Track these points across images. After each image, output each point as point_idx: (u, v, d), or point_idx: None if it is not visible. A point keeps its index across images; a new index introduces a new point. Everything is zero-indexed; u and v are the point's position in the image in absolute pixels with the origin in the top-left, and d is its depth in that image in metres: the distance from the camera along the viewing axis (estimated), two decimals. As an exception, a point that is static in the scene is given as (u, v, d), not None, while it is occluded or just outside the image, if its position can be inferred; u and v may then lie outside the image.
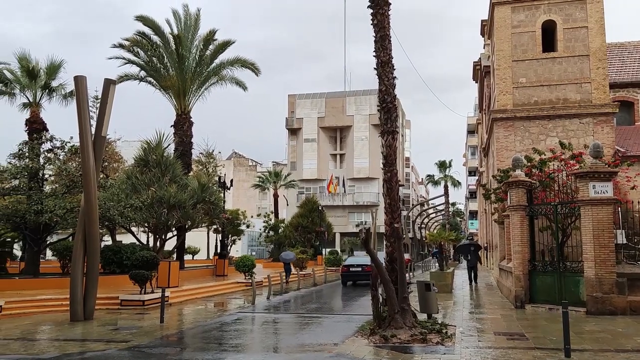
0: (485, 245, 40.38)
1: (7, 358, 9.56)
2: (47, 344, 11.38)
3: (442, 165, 66.23)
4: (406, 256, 52.51)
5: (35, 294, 17.24)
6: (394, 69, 12.48)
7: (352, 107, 71.87)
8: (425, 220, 66.72)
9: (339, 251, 55.60)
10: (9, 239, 27.49)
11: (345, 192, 70.43)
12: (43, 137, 23.44)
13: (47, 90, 25.95)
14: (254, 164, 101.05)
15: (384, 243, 12.38)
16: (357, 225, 66.22)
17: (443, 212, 64.02)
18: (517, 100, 23.55)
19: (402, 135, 76.49)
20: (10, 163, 22.50)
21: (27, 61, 25.51)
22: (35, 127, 24.68)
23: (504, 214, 19.44)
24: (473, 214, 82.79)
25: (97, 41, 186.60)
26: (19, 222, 21.41)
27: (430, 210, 66.31)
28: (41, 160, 22.68)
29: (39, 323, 14.08)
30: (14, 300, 15.60)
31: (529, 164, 17.97)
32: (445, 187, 65.22)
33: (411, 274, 31.35)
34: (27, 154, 22.41)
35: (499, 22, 24.12)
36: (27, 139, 24.06)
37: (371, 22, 12.46)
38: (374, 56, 12.43)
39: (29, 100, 25.99)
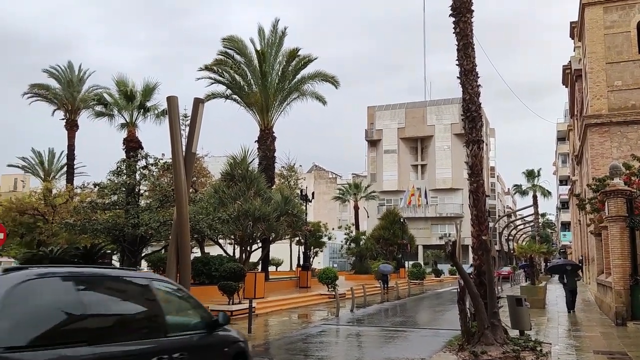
0: (580, 258, 38.09)
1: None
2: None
3: (530, 175, 63.31)
4: (506, 269, 50.79)
5: (132, 303, 18.23)
6: (478, 77, 12.19)
7: (432, 116, 70.76)
8: (513, 232, 64.07)
9: (422, 264, 54.60)
10: (109, 251, 29.36)
11: (427, 203, 69.16)
12: (139, 155, 24.94)
13: (142, 111, 27.69)
14: (333, 176, 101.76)
15: (471, 256, 12.02)
16: (441, 238, 64.77)
17: (532, 224, 61.17)
18: (612, 105, 22.17)
19: (486, 144, 74.18)
20: (109, 180, 24.10)
21: (124, 84, 27.39)
22: (132, 145, 26.34)
23: (601, 225, 18.27)
24: (565, 226, 78.38)
25: (187, 63, 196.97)
26: (117, 234, 22.79)
27: (518, 222, 63.65)
28: (137, 177, 24.09)
29: (137, 330, 14.88)
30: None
31: (627, 171, 16.83)
32: (534, 197, 62.27)
33: (500, 288, 30.16)
34: (124, 171, 23.90)
35: (590, 24, 22.89)
36: (124, 157, 25.70)
37: (453, 30, 12.26)
38: (456, 65, 12.20)
39: (126, 120, 27.85)
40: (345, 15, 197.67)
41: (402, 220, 50.83)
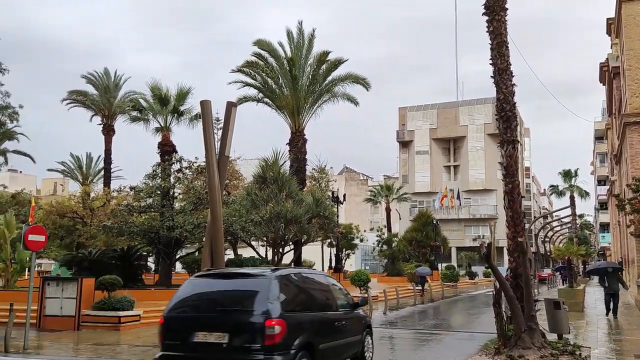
0: (620, 260, 36.99)
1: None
2: (180, 351, 12.20)
3: (567, 175, 61.88)
4: (547, 271, 49.59)
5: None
6: (513, 76, 11.99)
7: (465, 117, 69.82)
8: (549, 234, 62.63)
9: (456, 266, 53.90)
10: (145, 253, 29.97)
11: (460, 204, 68.24)
12: (173, 158, 25.40)
13: (175, 115, 28.20)
14: (365, 178, 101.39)
15: (506, 258, 11.83)
16: (475, 239, 63.82)
17: (569, 225, 59.70)
18: (652, 102, 21.46)
19: (521, 145, 72.78)
20: (145, 183, 24.61)
21: (158, 90, 27.95)
22: (166, 149, 26.85)
23: (642, 227, 17.71)
24: (604, 227, 76.20)
25: (219, 67, 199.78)
26: (153, 237, 23.26)
27: (555, 223, 62.17)
28: (172, 180, 24.55)
29: (173, 331, 15.13)
30: (151, 310, 16.90)
31: (670, 170, 16.26)
32: (571, 197, 60.83)
33: (537, 290, 29.54)
34: (159, 174, 24.37)
35: (628, 20, 22.24)
36: (159, 161, 26.20)
37: (487, 29, 12.10)
38: (490, 64, 12.03)
39: (160, 124, 28.41)
40: (375, 17, 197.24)
41: (434, 222, 50.30)
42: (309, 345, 7.62)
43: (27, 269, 22.90)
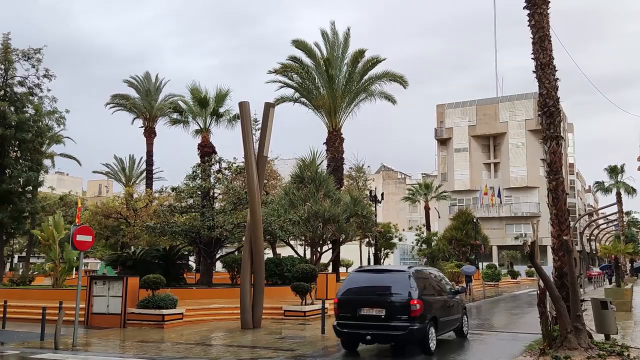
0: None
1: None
2: (223, 349, 12.40)
3: (613, 171, 59.79)
4: (596, 270, 48.07)
5: (210, 303, 18.89)
6: (556, 70, 11.69)
7: (505, 113, 68.36)
8: (595, 232, 60.74)
9: (497, 265, 52.89)
10: (186, 252, 30.57)
11: (501, 202, 66.91)
12: (213, 159, 25.79)
13: (214, 117, 28.65)
14: (402, 176, 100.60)
15: (549, 257, 11.57)
16: (516, 238, 62.47)
17: (616, 223, 57.71)
18: None
19: (564, 140, 70.78)
20: (186, 184, 25.08)
21: (198, 92, 28.44)
22: (206, 150, 27.30)
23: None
24: (653, 224, 73.43)
25: (256, 69, 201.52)
26: (194, 236, 23.67)
27: (600, 221, 60.21)
28: (212, 180, 24.93)
29: (215, 330, 15.40)
30: (192, 309, 17.25)
31: None
32: (618, 194, 58.77)
33: (582, 290, 28.71)
34: (199, 175, 24.79)
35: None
36: (199, 162, 26.65)
37: (528, 23, 11.84)
38: (532, 58, 11.77)
39: (199, 126, 28.92)
40: (411, 15, 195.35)
41: (475, 221, 49.45)
42: (434, 318, 11.29)
43: (74, 268, 23.68)
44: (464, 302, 14.05)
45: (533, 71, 11.78)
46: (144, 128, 42.25)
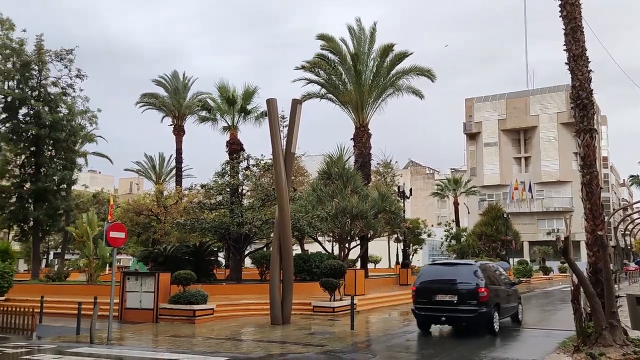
0: None
1: (223, 356, 10.73)
2: (253, 344, 12.51)
3: (649, 164, 58.21)
4: (633, 265, 46.76)
5: (239, 299, 19.09)
6: (589, 62, 11.42)
7: (536, 106, 67.03)
8: (630, 227, 59.22)
9: (529, 261, 52.03)
10: (216, 249, 30.93)
11: (532, 197, 65.71)
12: (241, 156, 26.00)
13: (242, 114, 28.86)
14: (431, 172, 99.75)
15: (583, 252, 11.35)
16: (549, 233, 61.31)
17: (652, 217, 56.15)
18: None
19: (598, 133, 69.03)
20: (214, 181, 25.35)
21: (225, 90, 28.69)
22: (234, 147, 27.53)
23: None
24: (692, 219, 71.15)
25: (282, 66, 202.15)
26: (223, 233, 23.92)
27: (635, 215, 58.67)
28: (240, 177, 25.14)
29: (245, 325, 15.56)
30: (223, 304, 17.46)
31: None
32: (654, 188, 57.20)
33: (617, 286, 28.04)
34: (228, 172, 25.02)
35: None
36: (227, 159, 26.90)
37: (560, 13, 11.58)
38: (564, 50, 11.53)
39: (228, 123, 29.17)
40: (437, 9, 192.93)
41: (505, 216, 48.74)
42: (497, 304, 13.14)
43: (108, 264, 24.19)
44: (518, 293, 15.73)
45: (565, 63, 11.53)
46: (173, 126, 42.83)
